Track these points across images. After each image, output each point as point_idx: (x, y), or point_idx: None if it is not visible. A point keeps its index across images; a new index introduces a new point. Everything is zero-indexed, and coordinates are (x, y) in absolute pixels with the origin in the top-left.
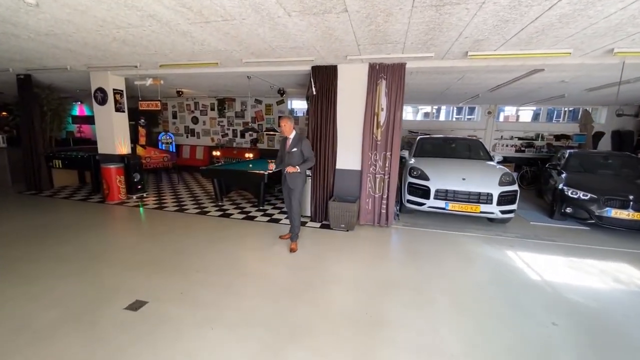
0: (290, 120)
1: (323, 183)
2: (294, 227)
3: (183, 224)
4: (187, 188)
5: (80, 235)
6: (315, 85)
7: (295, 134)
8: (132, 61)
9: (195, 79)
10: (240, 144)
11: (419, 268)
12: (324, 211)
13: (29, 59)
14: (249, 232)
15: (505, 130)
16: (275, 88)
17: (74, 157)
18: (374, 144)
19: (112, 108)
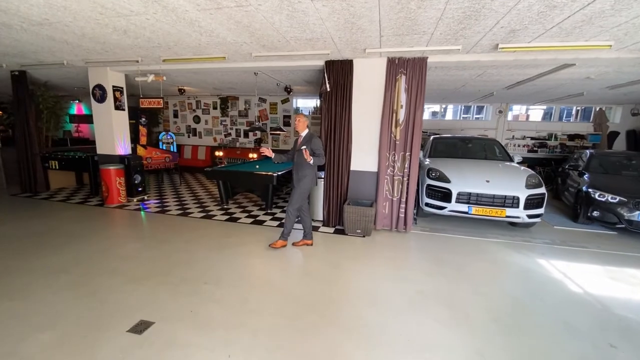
0: (304, 117)
1: (337, 185)
2: (285, 229)
3: (188, 229)
4: (189, 190)
5: (78, 242)
6: (329, 82)
7: (307, 132)
8: (133, 55)
9: (199, 76)
10: (243, 144)
11: (447, 279)
12: (338, 215)
13: (23, 52)
14: (259, 238)
15: (517, 130)
16: (282, 85)
17: (71, 158)
18: (392, 144)
19: (112, 106)
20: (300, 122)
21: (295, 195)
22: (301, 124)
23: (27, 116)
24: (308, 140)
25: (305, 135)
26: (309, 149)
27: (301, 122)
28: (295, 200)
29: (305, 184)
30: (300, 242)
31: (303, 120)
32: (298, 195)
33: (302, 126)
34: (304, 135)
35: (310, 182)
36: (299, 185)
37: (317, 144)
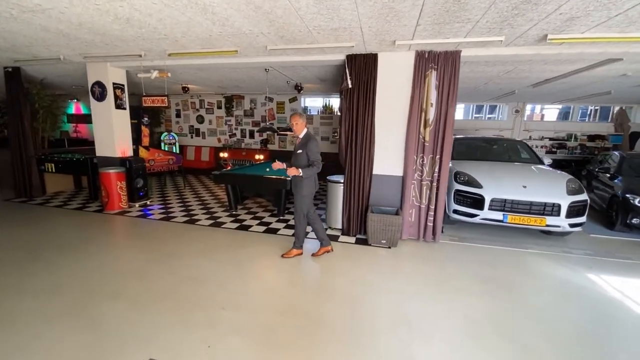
0: (302, 118)
1: (358, 191)
2: (297, 237)
3: (196, 239)
4: (194, 194)
5: (75, 255)
6: (350, 78)
7: (305, 133)
8: (136, 49)
9: (205, 73)
10: (249, 144)
11: (494, 300)
12: (359, 224)
13: (15, 46)
14: (274, 249)
15: (535, 130)
16: (292, 83)
17: (68, 160)
18: (420, 146)
19: (112, 104)
20: (298, 124)
21: (298, 203)
22: (299, 126)
23: (22, 116)
24: (304, 143)
25: (303, 136)
26: (304, 153)
27: (299, 124)
28: (299, 207)
29: (305, 189)
30: (320, 251)
31: (301, 122)
32: (300, 202)
33: (300, 128)
34: (301, 137)
35: (309, 186)
36: (297, 191)
37: (312, 148)
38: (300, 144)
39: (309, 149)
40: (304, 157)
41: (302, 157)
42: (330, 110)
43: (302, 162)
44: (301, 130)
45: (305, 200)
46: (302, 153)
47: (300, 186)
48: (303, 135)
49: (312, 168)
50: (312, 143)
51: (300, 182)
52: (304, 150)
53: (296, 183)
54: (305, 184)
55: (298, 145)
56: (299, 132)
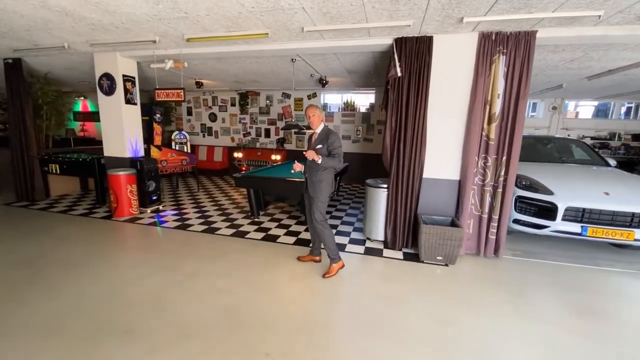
0: (319, 110)
1: (406, 198)
2: (328, 250)
3: (218, 252)
4: (210, 197)
5: (79, 276)
6: (399, 65)
7: (322, 127)
8: (150, 33)
9: (223, 64)
10: (264, 144)
11: (602, 339)
12: (406, 236)
13: (13, 30)
14: (312, 267)
15: (574, 129)
16: (317, 77)
17: (74, 161)
18: (483, 145)
19: (122, 99)
20: (315, 116)
21: (317, 207)
22: (316, 118)
23: (23, 112)
24: (324, 137)
25: (320, 131)
26: (325, 148)
27: (316, 116)
28: (320, 212)
29: (323, 191)
30: (333, 269)
31: (318, 114)
32: (320, 205)
33: (317, 121)
34: (319, 132)
35: (328, 187)
36: (316, 194)
37: (334, 141)
38: (319, 139)
39: (330, 143)
40: (324, 151)
41: (322, 153)
42: (352, 107)
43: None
44: (318, 124)
45: (324, 205)
46: (323, 148)
47: (319, 187)
48: (321, 130)
49: (334, 158)
50: (333, 137)
51: (319, 183)
52: (325, 145)
53: (314, 183)
54: (325, 184)
55: (317, 140)
56: (316, 126)
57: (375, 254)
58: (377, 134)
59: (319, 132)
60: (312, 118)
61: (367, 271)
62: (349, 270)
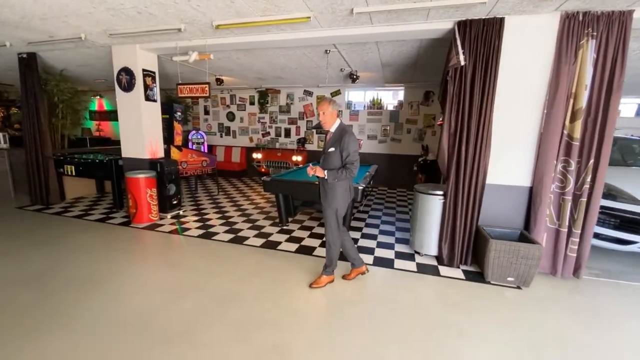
0: (333, 106)
1: (466, 207)
2: (328, 256)
3: (251, 268)
4: (231, 201)
5: (94, 298)
6: (463, 51)
7: (337, 126)
8: (175, 20)
9: (250, 57)
10: (284, 144)
11: None
12: (466, 251)
13: (27, 18)
14: (364, 286)
15: (624, 128)
16: (347, 72)
17: (90, 162)
18: (563, 146)
19: (141, 95)
20: (326, 114)
21: (328, 217)
22: (328, 116)
23: (38, 110)
24: (338, 139)
25: (335, 130)
26: (338, 152)
27: (327, 113)
28: (332, 223)
29: (336, 199)
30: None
31: (330, 111)
32: (330, 216)
33: (330, 118)
34: (333, 131)
35: (342, 195)
36: (327, 202)
37: (349, 144)
38: (332, 140)
39: (345, 146)
40: (338, 156)
41: (335, 157)
42: (379, 105)
43: (336, 163)
44: (332, 123)
45: (340, 215)
46: (336, 152)
47: (331, 195)
48: (335, 129)
49: (344, 171)
50: (349, 138)
51: (330, 190)
52: (337, 148)
53: (325, 191)
54: (338, 192)
55: (330, 142)
56: (330, 124)
57: (429, 271)
58: (406, 134)
59: (333, 132)
60: (323, 116)
61: (427, 295)
62: (408, 294)
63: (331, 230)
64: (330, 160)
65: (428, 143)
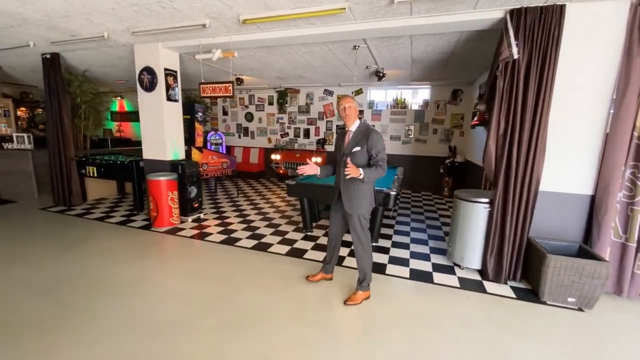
0: (355, 102)
1: (516, 216)
2: (363, 274)
3: (279, 279)
4: (251, 204)
5: (117, 310)
6: (516, 44)
7: (359, 123)
8: (200, 15)
9: (274, 55)
10: (303, 145)
11: None
12: (515, 265)
13: (50, 17)
14: (402, 303)
15: None
16: (373, 69)
17: (112, 164)
18: (633, 149)
19: (163, 95)
20: (352, 109)
21: (356, 225)
22: (352, 112)
23: (61, 111)
24: (362, 137)
25: (356, 129)
26: (364, 152)
27: (352, 109)
28: (360, 232)
29: (364, 203)
30: (359, 296)
31: (354, 106)
32: (362, 224)
33: (354, 115)
34: (354, 130)
35: (370, 199)
36: (353, 210)
37: (378, 142)
38: (355, 139)
39: (373, 144)
40: (364, 156)
41: (361, 157)
42: (403, 104)
43: (360, 164)
44: (353, 120)
45: (365, 224)
46: (362, 151)
47: (357, 200)
48: (357, 127)
49: (377, 169)
50: (376, 136)
51: (356, 194)
52: (364, 147)
53: (350, 195)
54: (366, 196)
55: (352, 141)
56: (352, 122)
57: (474, 287)
58: (432, 134)
59: (354, 131)
60: (348, 111)
61: (475, 315)
62: (453, 315)
63: (359, 239)
64: (355, 160)
65: (456, 144)
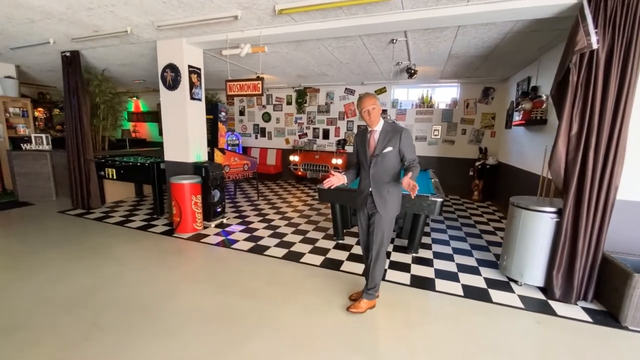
0: (378, 101)
1: (591, 229)
2: (373, 276)
3: (321, 296)
4: (273, 208)
5: (143, 333)
6: (595, 32)
7: (383, 123)
8: (232, 6)
9: (301, 50)
10: (322, 146)
11: None
12: (586, 282)
13: (72, 9)
14: (468, 327)
15: None
16: (404, 66)
17: (131, 166)
18: None
19: (187, 94)
20: (375, 110)
21: (383, 228)
22: (377, 113)
23: (80, 111)
24: (392, 136)
25: (382, 129)
26: (396, 152)
27: (377, 110)
28: (386, 236)
29: (397, 204)
30: (364, 304)
31: (378, 106)
32: (390, 225)
33: (377, 116)
34: (379, 130)
35: (399, 203)
36: (386, 210)
37: (409, 141)
38: (384, 139)
39: (406, 144)
40: (395, 157)
41: (393, 159)
42: (429, 103)
43: (392, 165)
44: (377, 120)
45: (392, 226)
46: (393, 151)
47: (391, 203)
48: (382, 128)
49: (415, 170)
50: (407, 134)
51: (391, 197)
52: (396, 147)
53: (384, 198)
54: (399, 198)
55: (381, 141)
56: (376, 122)
57: (539, 308)
58: (461, 135)
59: (379, 130)
60: (372, 113)
61: (551, 345)
62: (526, 344)
63: (382, 242)
64: (386, 162)
65: (487, 145)
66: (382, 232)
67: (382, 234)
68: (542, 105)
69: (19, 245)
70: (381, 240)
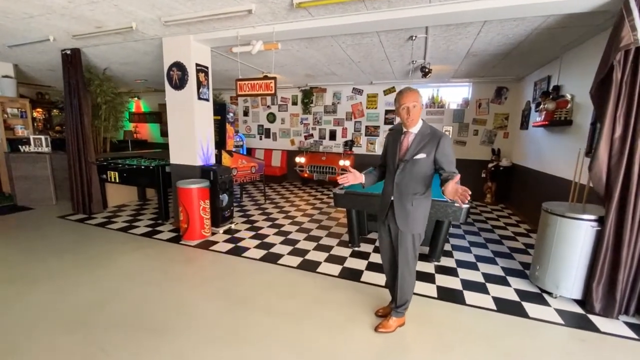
0: (421, 98)
1: (632, 237)
2: (402, 293)
3: (343, 312)
4: (280, 211)
5: (152, 354)
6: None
7: (422, 125)
8: (246, 0)
9: (313, 47)
10: (329, 147)
11: None
12: (629, 295)
13: (74, 4)
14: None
15: None
16: (418, 64)
17: (135, 169)
18: None
19: (194, 94)
20: (416, 109)
21: (409, 245)
22: (417, 112)
23: (81, 112)
24: (430, 142)
25: (418, 132)
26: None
27: (418, 109)
28: (411, 252)
29: (422, 219)
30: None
31: (420, 104)
32: (415, 245)
33: (417, 115)
34: (416, 132)
35: (424, 219)
36: (408, 227)
37: (449, 149)
38: (418, 144)
39: (445, 152)
40: (428, 164)
41: (425, 166)
42: (440, 102)
43: (422, 175)
44: (416, 120)
45: (414, 241)
46: (427, 159)
47: (413, 216)
48: (419, 130)
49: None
50: (448, 141)
51: (417, 210)
52: (431, 155)
53: (406, 211)
54: (426, 212)
55: (414, 145)
56: (413, 123)
57: (579, 323)
58: (473, 136)
59: (415, 133)
60: (412, 111)
61: None
62: None
63: (407, 262)
64: (415, 170)
65: (500, 146)
66: (405, 251)
67: (406, 253)
68: (567, 106)
69: (16, 255)
70: (406, 260)
